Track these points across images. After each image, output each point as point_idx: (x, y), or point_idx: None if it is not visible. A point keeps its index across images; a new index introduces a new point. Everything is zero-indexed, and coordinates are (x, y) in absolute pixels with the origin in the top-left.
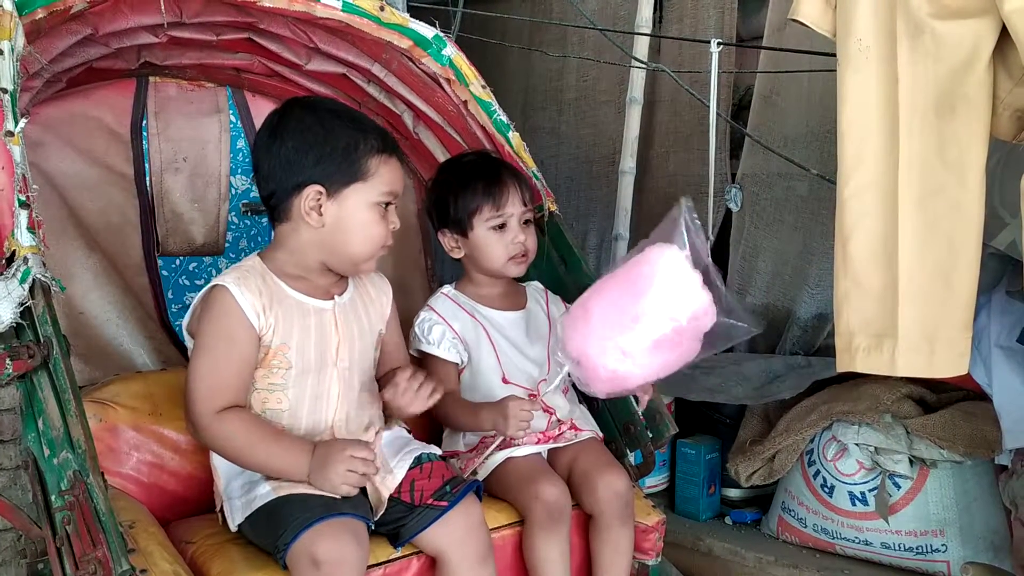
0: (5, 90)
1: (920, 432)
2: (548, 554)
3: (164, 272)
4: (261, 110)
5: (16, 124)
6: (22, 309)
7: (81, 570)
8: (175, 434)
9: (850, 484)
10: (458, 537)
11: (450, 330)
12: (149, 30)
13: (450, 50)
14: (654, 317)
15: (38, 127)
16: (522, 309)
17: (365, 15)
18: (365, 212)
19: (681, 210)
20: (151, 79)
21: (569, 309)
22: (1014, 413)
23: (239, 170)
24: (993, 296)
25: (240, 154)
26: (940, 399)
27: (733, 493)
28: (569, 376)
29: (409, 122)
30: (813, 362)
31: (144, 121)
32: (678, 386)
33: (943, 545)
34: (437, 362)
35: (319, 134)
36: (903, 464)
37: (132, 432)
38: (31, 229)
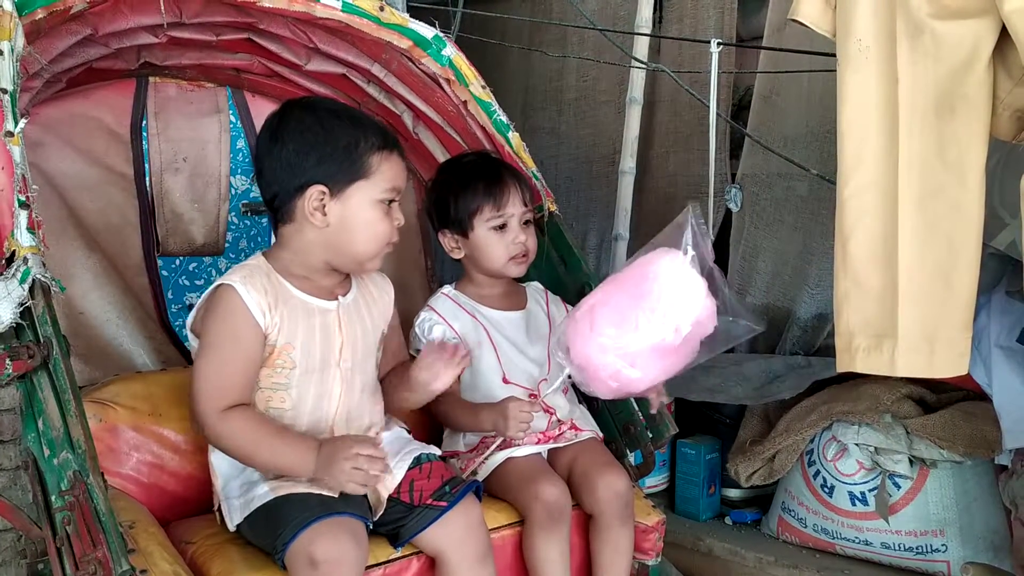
0: (5, 90)
1: (920, 432)
2: (548, 554)
3: (164, 272)
4: (261, 110)
5: (16, 124)
6: (22, 309)
7: (81, 570)
8: (175, 434)
9: (850, 484)
10: (457, 537)
11: (450, 330)
12: (149, 30)
13: (450, 50)
14: (658, 323)
15: (38, 127)
16: (522, 309)
17: (365, 15)
18: (369, 210)
19: (687, 215)
20: (151, 79)
21: (571, 312)
22: (1014, 413)
23: (239, 170)
24: (993, 296)
25: (240, 154)
26: (940, 399)
27: (733, 493)
28: (569, 377)
29: (409, 122)
30: (813, 362)
31: (144, 121)
32: (678, 386)
33: (943, 545)
34: None
35: (319, 134)
36: (903, 464)
37: (132, 432)
38: (31, 229)
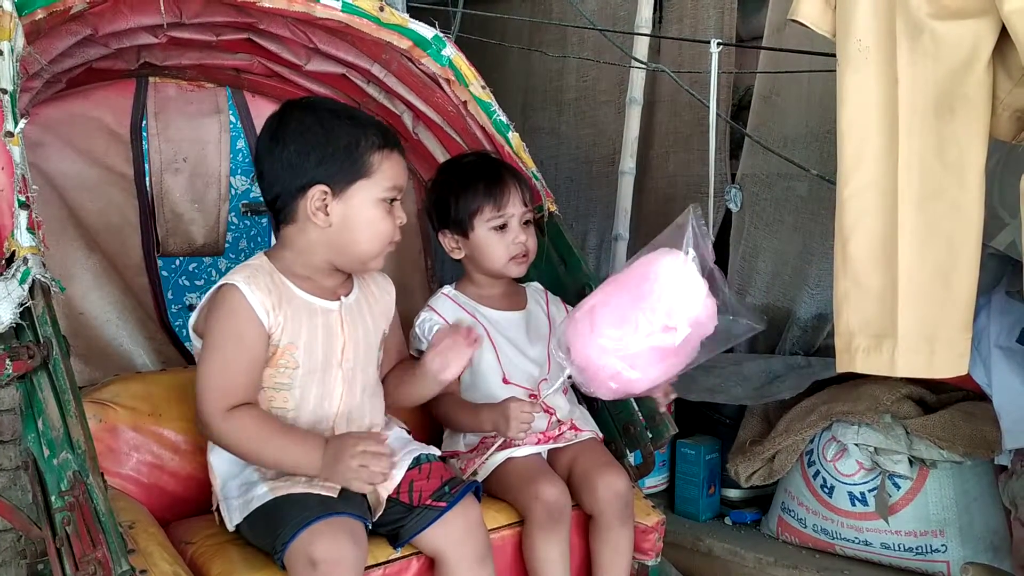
0: (5, 91)
1: (920, 432)
2: (548, 554)
3: (164, 272)
4: (261, 110)
5: (16, 125)
6: (22, 310)
7: (81, 571)
8: (175, 434)
9: (850, 484)
10: (457, 537)
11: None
12: (149, 31)
13: (450, 50)
14: (659, 324)
15: (38, 128)
16: (522, 309)
17: (365, 15)
18: (371, 209)
19: (689, 217)
20: (151, 79)
21: (572, 312)
22: (1014, 413)
23: (239, 170)
24: (993, 296)
25: (240, 154)
26: (940, 399)
27: (733, 493)
28: (570, 377)
29: (409, 122)
30: (813, 362)
31: (144, 121)
32: (678, 386)
33: (943, 545)
34: None
35: (319, 135)
36: (903, 464)
37: (132, 432)
38: (31, 230)
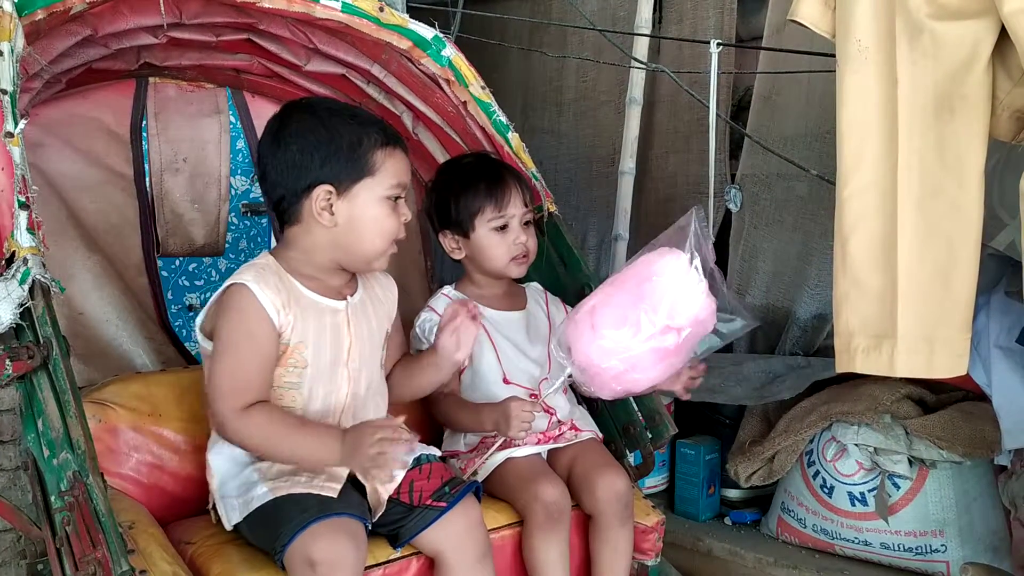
0: (5, 91)
1: (919, 432)
2: (547, 555)
3: (164, 273)
4: (261, 111)
5: (16, 125)
6: (22, 310)
7: (81, 571)
8: (174, 435)
9: (849, 484)
10: (457, 538)
11: None
12: (149, 31)
13: (449, 51)
14: (661, 324)
15: (38, 128)
16: (522, 309)
17: (364, 16)
18: (376, 207)
19: (691, 218)
20: (151, 80)
21: (572, 312)
22: (1013, 413)
23: (239, 171)
24: (992, 297)
25: (240, 155)
26: (939, 399)
27: (733, 493)
28: (570, 376)
29: (408, 123)
30: (812, 362)
31: (144, 122)
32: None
33: (943, 545)
34: None
35: (322, 135)
36: (902, 464)
37: (131, 433)
38: (31, 230)
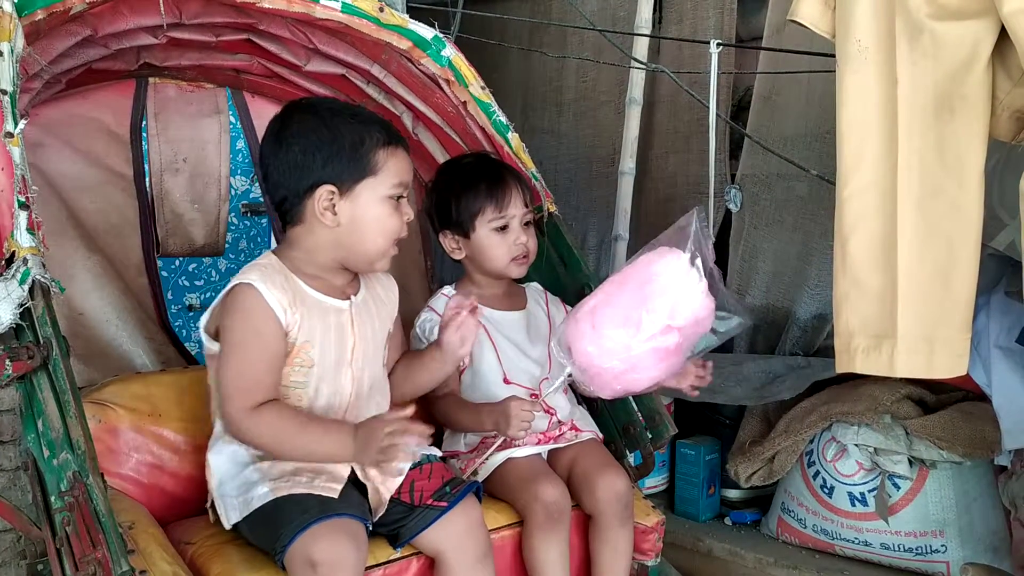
0: (5, 91)
1: (919, 433)
2: (547, 555)
3: (164, 273)
4: (261, 111)
5: (16, 125)
6: (22, 310)
7: (81, 571)
8: (174, 435)
9: (849, 485)
10: (457, 538)
11: None
12: (148, 31)
13: (449, 51)
14: (662, 325)
15: (38, 128)
16: (522, 309)
17: (364, 16)
18: (379, 207)
19: (693, 218)
20: (151, 80)
21: (573, 312)
22: (1013, 414)
23: (239, 171)
24: (992, 297)
25: (240, 155)
26: (939, 400)
27: (733, 494)
28: (570, 375)
29: (408, 123)
30: (812, 363)
31: (144, 122)
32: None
33: (943, 546)
34: None
35: (324, 135)
36: (902, 465)
37: (131, 433)
38: (31, 230)
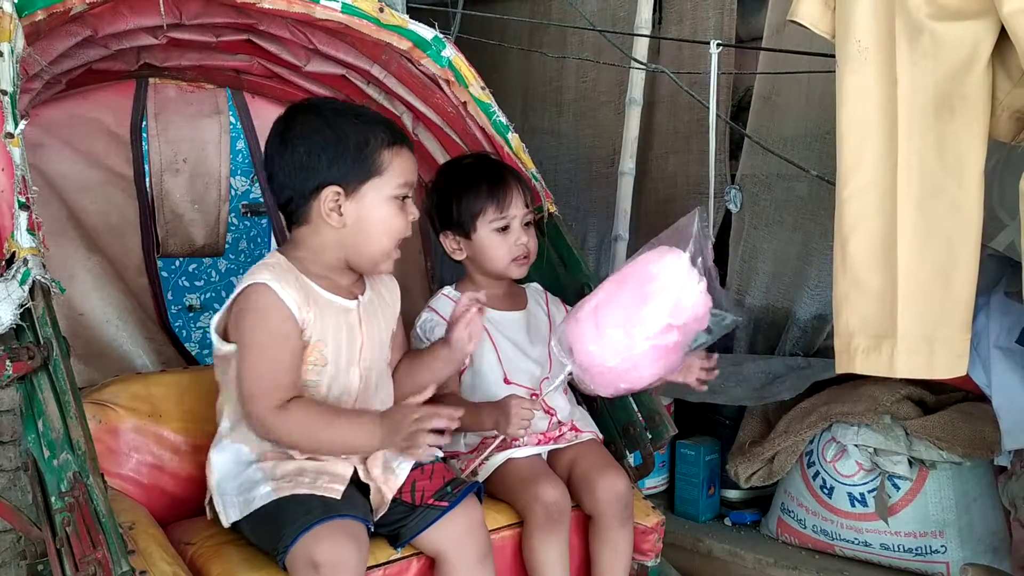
0: (5, 92)
1: (919, 433)
2: (547, 555)
3: (164, 273)
4: (261, 112)
5: (16, 126)
6: (22, 311)
7: (81, 571)
8: (174, 435)
9: (849, 485)
10: (458, 538)
11: None
12: (149, 32)
13: (449, 51)
14: (663, 324)
15: (38, 129)
16: (523, 309)
17: (364, 16)
18: (384, 207)
19: (694, 218)
20: (151, 81)
21: (573, 311)
22: (1013, 414)
23: (239, 171)
24: (992, 297)
25: (240, 155)
26: (939, 400)
27: (732, 494)
28: (570, 374)
29: (408, 123)
30: (812, 363)
31: (144, 122)
32: (677, 387)
33: (942, 546)
34: None
35: (328, 135)
36: (902, 465)
37: (132, 433)
38: (31, 231)
